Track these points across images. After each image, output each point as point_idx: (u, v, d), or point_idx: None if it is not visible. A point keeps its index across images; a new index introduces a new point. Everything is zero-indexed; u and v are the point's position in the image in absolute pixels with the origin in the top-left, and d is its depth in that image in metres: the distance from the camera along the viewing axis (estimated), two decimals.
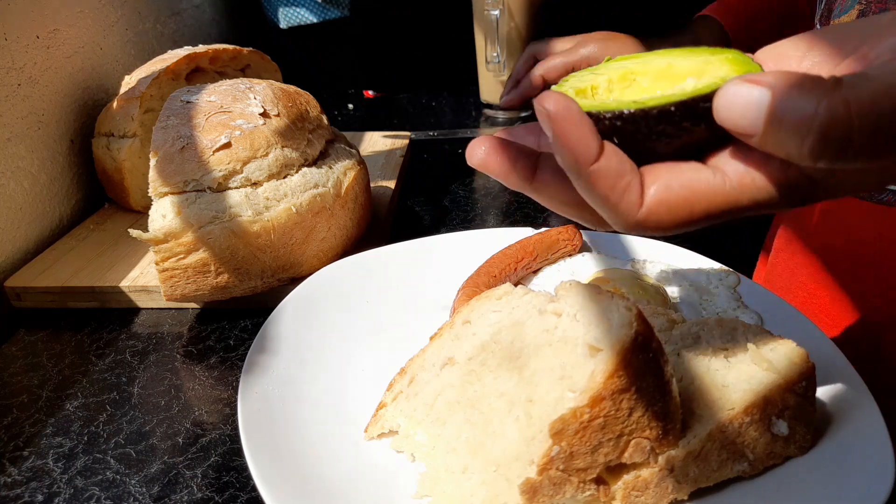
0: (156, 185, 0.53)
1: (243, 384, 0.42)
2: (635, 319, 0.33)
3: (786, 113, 0.22)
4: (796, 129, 0.22)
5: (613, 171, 0.25)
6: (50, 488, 0.41)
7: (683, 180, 0.26)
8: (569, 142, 0.25)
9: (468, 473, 0.36)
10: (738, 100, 0.23)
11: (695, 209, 0.26)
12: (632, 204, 0.26)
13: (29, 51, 0.68)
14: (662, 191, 0.26)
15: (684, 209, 0.26)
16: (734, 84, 0.24)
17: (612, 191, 0.26)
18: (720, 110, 0.24)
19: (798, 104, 0.22)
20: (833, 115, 0.22)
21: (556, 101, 0.25)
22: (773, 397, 0.36)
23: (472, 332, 0.41)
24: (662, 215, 0.26)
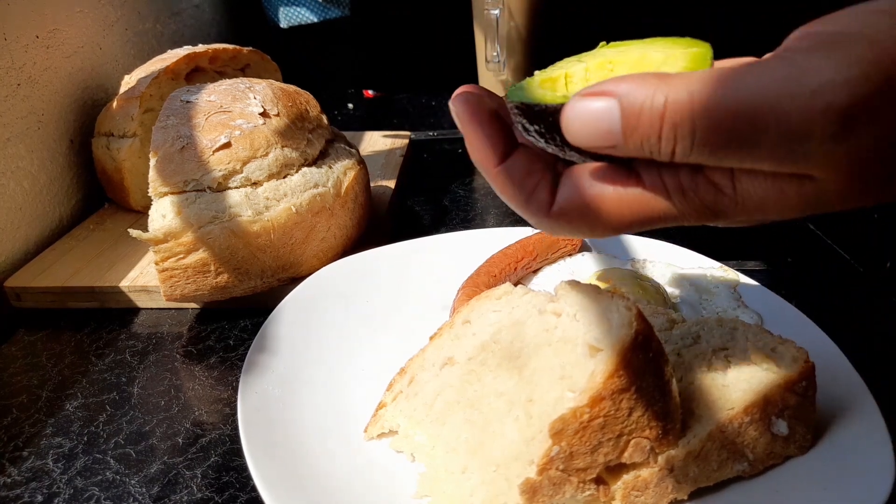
0: (155, 184, 0.53)
1: (243, 384, 0.42)
2: (635, 319, 0.33)
3: (640, 116, 0.22)
4: (651, 128, 0.22)
5: (519, 173, 0.26)
6: (50, 489, 0.41)
7: (595, 184, 0.25)
8: (475, 146, 0.26)
9: (468, 473, 0.36)
10: (586, 116, 0.23)
11: (603, 213, 0.25)
12: (542, 203, 0.26)
13: (28, 50, 0.68)
14: (573, 192, 0.26)
15: (593, 212, 0.25)
16: (577, 101, 0.23)
17: (520, 189, 0.26)
18: (570, 132, 0.23)
19: (647, 103, 0.22)
20: (677, 108, 0.21)
21: (464, 103, 0.26)
22: (773, 397, 0.36)
23: (471, 332, 0.41)
24: (573, 218, 0.26)
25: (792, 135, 0.21)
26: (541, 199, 0.26)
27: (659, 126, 0.22)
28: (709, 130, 0.22)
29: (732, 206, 0.24)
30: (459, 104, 0.26)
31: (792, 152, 0.21)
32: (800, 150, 0.21)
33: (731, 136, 0.21)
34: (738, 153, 0.22)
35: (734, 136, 0.21)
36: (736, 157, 0.22)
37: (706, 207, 0.25)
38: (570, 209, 0.26)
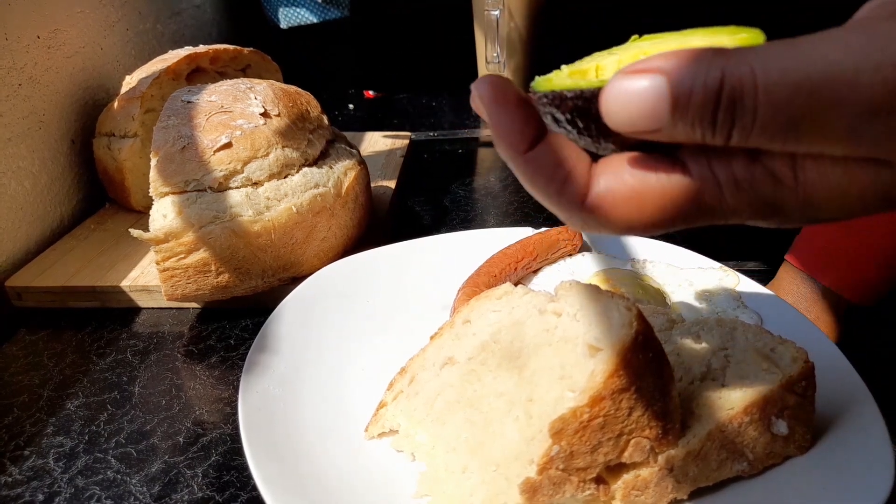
0: (156, 184, 0.53)
1: (244, 383, 0.42)
2: (635, 319, 0.33)
3: (691, 93, 0.19)
4: (705, 107, 0.19)
5: (551, 160, 0.23)
6: (51, 488, 0.41)
7: (636, 173, 0.22)
8: (502, 129, 0.23)
9: (468, 473, 0.36)
10: (629, 97, 0.20)
11: (645, 206, 0.22)
12: (573, 195, 0.23)
13: (30, 51, 0.68)
14: (610, 183, 0.23)
15: (634, 205, 0.22)
16: (618, 80, 0.20)
17: (550, 181, 0.23)
18: (610, 115, 0.21)
19: (700, 79, 0.19)
20: (736, 82, 0.19)
21: (491, 85, 0.23)
22: (773, 397, 0.36)
23: (472, 332, 0.41)
24: (609, 210, 0.23)
25: (875, 110, 0.18)
26: (573, 189, 0.23)
27: (714, 103, 0.19)
28: (775, 107, 0.19)
29: (794, 200, 0.21)
30: (484, 86, 0.23)
31: (873, 131, 0.19)
32: (883, 129, 0.19)
33: (801, 114, 0.19)
34: (808, 134, 0.19)
35: (805, 113, 0.19)
36: (806, 139, 0.19)
37: (763, 202, 0.22)
38: (607, 201, 0.23)
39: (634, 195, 0.22)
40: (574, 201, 0.23)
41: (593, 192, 0.23)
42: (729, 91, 0.19)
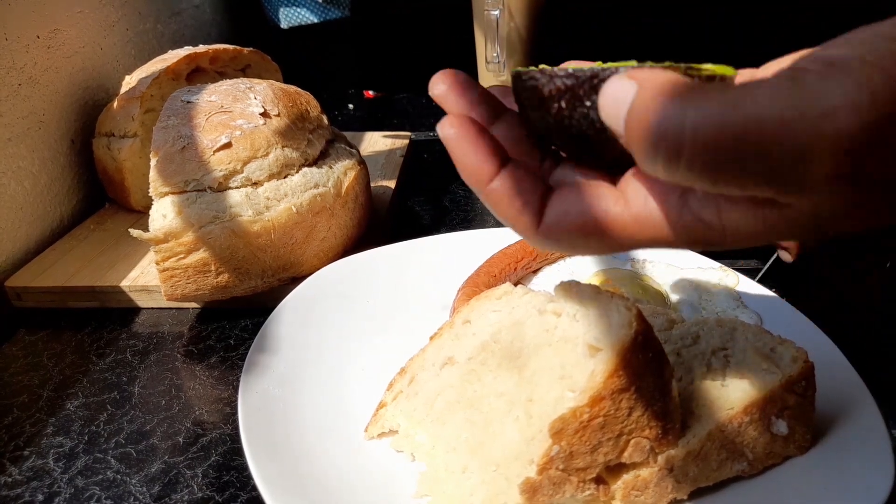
0: (156, 184, 0.53)
1: (244, 384, 0.42)
2: (635, 319, 0.33)
3: (648, 114, 0.21)
4: (652, 134, 0.21)
5: (509, 191, 0.26)
6: (50, 488, 0.41)
7: (583, 207, 0.25)
8: (464, 164, 0.26)
9: (468, 473, 0.36)
10: (613, 93, 0.22)
11: (590, 238, 0.25)
12: (528, 224, 0.26)
13: (29, 51, 0.68)
14: (560, 215, 0.26)
15: (580, 236, 0.26)
16: (613, 78, 0.23)
17: (509, 208, 0.26)
18: (602, 107, 0.23)
19: (659, 106, 0.21)
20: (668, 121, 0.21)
21: (453, 124, 0.26)
22: (773, 397, 0.36)
23: (471, 332, 0.41)
24: (560, 238, 0.26)
25: (798, 155, 0.20)
26: (527, 218, 0.26)
27: (651, 135, 0.21)
28: (703, 149, 0.20)
29: (720, 238, 0.24)
30: (448, 129, 0.26)
31: (794, 174, 0.20)
32: (801, 173, 0.20)
33: (731, 154, 0.20)
34: (734, 174, 0.21)
35: (735, 154, 0.20)
36: (733, 179, 0.21)
37: (694, 239, 0.24)
38: (555, 231, 0.26)
39: (580, 226, 0.25)
40: (529, 228, 0.26)
41: (544, 222, 0.26)
42: (661, 125, 0.21)
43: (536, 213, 0.26)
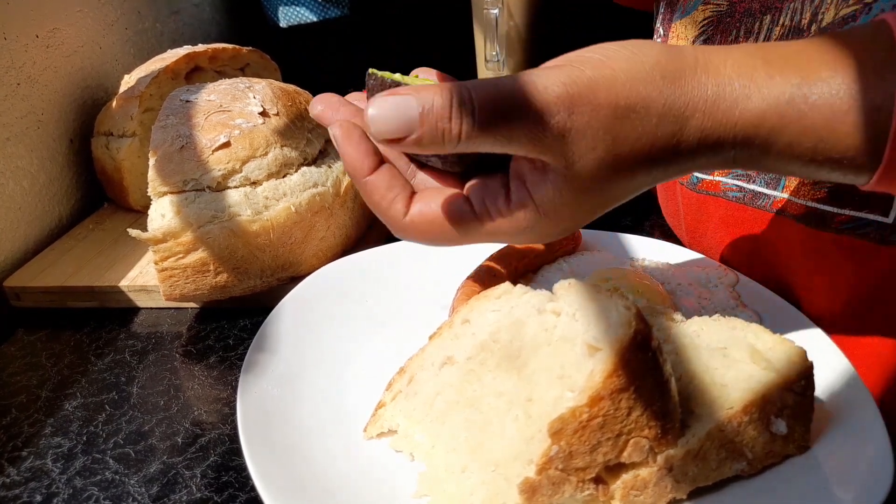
0: (155, 184, 0.53)
1: (242, 384, 0.42)
2: (634, 318, 0.33)
3: (433, 102, 0.27)
4: (443, 109, 0.27)
5: (383, 184, 0.32)
6: (49, 489, 0.41)
7: (438, 205, 0.32)
8: (348, 158, 0.33)
9: (467, 473, 0.36)
10: (389, 105, 0.28)
11: (445, 231, 0.32)
12: (398, 213, 0.32)
13: (28, 50, 0.68)
14: (422, 210, 0.32)
15: (437, 228, 0.32)
16: (379, 99, 0.28)
17: (382, 199, 0.32)
18: (375, 123, 0.28)
19: (436, 96, 0.28)
20: (459, 92, 0.28)
21: (341, 126, 0.33)
22: (772, 396, 0.36)
23: (471, 332, 0.41)
24: (422, 229, 0.32)
25: (537, 112, 0.28)
26: (397, 209, 0.32)
27: (449, 109, 0.27)
28: (484, 107, 0.28)
29: (536, 218, 0.31)
30: (338, 130, 0.33)
31: (540, 128, 0.28)
32: (543, 127, 0.28)
33: (501, 112, 0.28)
34: (505, 127, 0.28)
35: (503, 112, 0.28)
36: (504, 132, 0.28)
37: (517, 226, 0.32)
38: (417, 222, 0.32)
39: (435, 220, 0.32)
40: (398, 219, 0.33)
41: (409, 215, 0.32)
42: (457, 99, 0.28)
43: (405, 206, 0.32)
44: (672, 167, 0.31)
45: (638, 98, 0.29)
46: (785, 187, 0.48)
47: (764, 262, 0.52)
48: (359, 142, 0.33)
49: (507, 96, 0.28)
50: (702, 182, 0.55)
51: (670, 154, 0.30)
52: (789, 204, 0.48)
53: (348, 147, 0.33)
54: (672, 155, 0.30)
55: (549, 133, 0.28)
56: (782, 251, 0.50)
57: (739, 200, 0.52)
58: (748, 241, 0.53)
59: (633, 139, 0.29)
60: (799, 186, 0.47)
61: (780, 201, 0.48)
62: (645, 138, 0.30)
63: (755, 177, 0.50)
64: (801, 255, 0.48)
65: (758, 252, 0.52)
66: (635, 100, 0.29)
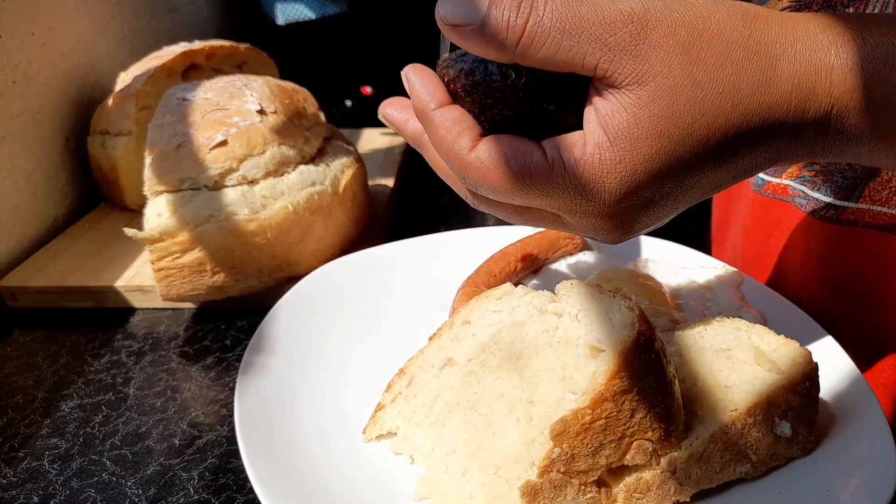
0: (151, 183, 0.53)
1: (240, 385, 0.42)
2: (637, 320, 0.33)
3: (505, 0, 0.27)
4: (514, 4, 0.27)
5: (451, 118, 0.31)
6: (45, 490, 0.40)
7: (508, 146, 0.30)
8: (419, 92, 0.32)
9: (468, 475, 0.35)
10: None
11: (510, 176, 0.29)
12: (462, 148, 0.30)
13: (24, 48, 0.67)
14: (489, 148, 0.30)
15: (501, 172, 0.30)
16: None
17: (448, 132, 0.31)
18: (445, 8, 0.28)
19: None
20: None
21: (413, 66, 0.33)
22: (776, 398, 0.36)
23: (471, 333, 0.41)
24: (485, 171, 0.30)
25: (610, 17, 0.27)
26: (463, 143, 0.30)
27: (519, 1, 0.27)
28: (556, 3, 0.27)
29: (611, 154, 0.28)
30: (411, 68, 0.33)
31: (611, 34, 0.27)
32: (614, 32, 0.27)
33: (572, 11, 0.27)
34: (576, 27, 0.27)
35: (575, 11, 0.27)
36: (574, 33, 0.27)
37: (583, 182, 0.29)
38: (483, 160, 0.30)
39: (500, 161, 0.30)
40: (461, 154, 0.30)
41: (474, 152, 0.30)
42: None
43: (472, 142, 0.30)
44: (761, 118, 0.27)
45: (718, 24, 0.27)
46: (861, 198, 0.46)
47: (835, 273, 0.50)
48: (430, 78, 0.32)
49: (581, 0, 0.27)
50: (768, 185, 0.53)
51: (759, 97, 0.27)
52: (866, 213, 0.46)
53: (418, 81, 0.32)
54: (761, 98, 0.27)
55: (619, 40, 0.26)
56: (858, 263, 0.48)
57: (804, 208, 0.49)
58: (818, 251, 0.50)
59: (714, 65, 0.27)
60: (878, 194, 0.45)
61: (853, 211, 0.46)
62: (728, 67, 0.27)
63: (821, 184, 0.48)
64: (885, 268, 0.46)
65: (829, 263, 0.49)
66: (716, 25, 0.27)
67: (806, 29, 0.27)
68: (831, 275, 0.50)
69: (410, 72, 0.32)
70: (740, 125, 0.27)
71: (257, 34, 1.26)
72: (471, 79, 0.30)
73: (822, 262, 0.50)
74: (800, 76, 0.27)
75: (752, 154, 0.28)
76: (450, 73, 0.31)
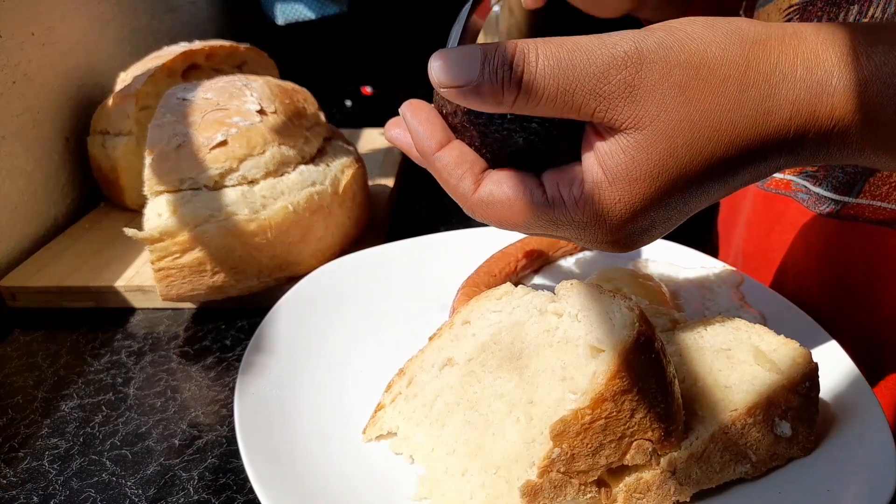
0: (151, 183, 0.53)
1: (240, 385, 0.42)
2: (637, 320, 0.33)
3: (496, 50, 0.27)
4: (505, 58, 0.27)
5: (452, 160, 0.31)
6: (45, 490, 0.40)
7: (510, 186, 0.30)
8: (416, 134, 0.32)
9: (468, 475, 0.35)
10: (450, 57, 0.28)
11: (514, 213, 0.30)
12: (466, 190, 0.31)
13: (24, 48, 0.67)
14: (492, 190, 0.31)
15: (506, 210, 0.31)
16: (443, 51, 0.28)
17: (450, 176, 0.31)
18: (437, 70, 0.28)
19: (501, 47, 0.27)
20: (526, 45, 0.27)
21: (410, 103, 0.33)
22: (776, 398, 0.36)
23: (471, 333, 0.41)
24: (490, 209, 0.31)
25: (603, 65, 0.27)
26: (466, 185, 0.31)
27: (512, 55, 0.27)
28: (549, 56, 0.27)
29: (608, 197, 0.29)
30: (407, 108, 0.32)
31: (605, 82, 0.27)
32: (608, 80, 0.27)
33: (566, 61, 0.27)
34: (569, 77, 0.27)
35: (568, 62, 0.27)
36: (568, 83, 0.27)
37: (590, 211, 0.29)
38: (487, 201, 0.31)
39: (504, 201, 0.30)
40: (466, 196, 0.31)
41: (478, 193, 0.31)
42: (522, 46, 0.27)
43: (476, 181, 0.31)
44: (761, 146, 0.27)
45: (714, 59, 0.27)
46: (861, 193, 0.46)
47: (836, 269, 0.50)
48: (428, 118, 0.32)
49: (573, 48, 0.27)
50: (771, 180, 0.53)
51: (758, 127, 0.27)
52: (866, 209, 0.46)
53: (416, 123, 0.32)
54: (760, 128, 0.27)
55: (614, 88, 0.27)
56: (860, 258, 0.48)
57: (806, 203, 0.50)
58: (819, 246, 0.50)
59: (711, 103, 0.27)
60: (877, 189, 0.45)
61: (853, 206, 0.47)
62: (725, 104, 0.27)
63: (822, 179, 0.48)
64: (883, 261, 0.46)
65: (830, 258, 0.50)
66: (711, 60, 0.26)
67: (808, 49, 0.27)
68: (832, 270, 0.50)
69: (408, 113, 0.32)
70: (740, 154, 0.28)
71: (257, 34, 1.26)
72: (468, 116, 0.30)
73: (822, 257, 0.50)
74: (800, 102, 0.27)
75: (752, 172, 0.29)
76: (447, 107, 0.31)
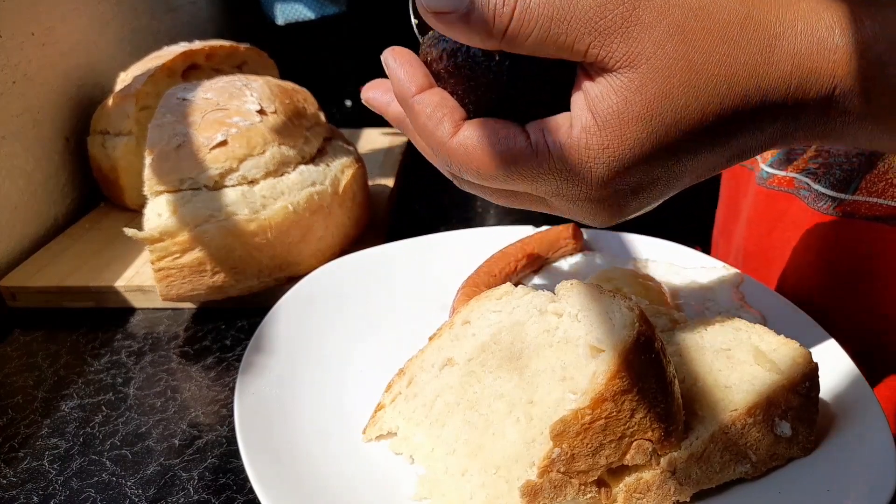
0: (151, 183, 0.53)
1: (240, 385, 0.42)
2: (637, 320, 0.33)
3: None
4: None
5: (432, 103, 0.30)
6: (45, 490, 0.40)
7: (491, 130, 0.29)
8: (399, 76, 0.30)
9: (468, 475, 0.35)
10: None
11: (492, 162, 0.29)
12: (444, 133, 0.29)
13: (24, 48, 0.67)
14: (470, 135, 0.29)
15: (484, 157, 0.29)
16: None
17: (429, 119, 0.30)
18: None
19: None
20: None
21: (393, 50, 0.31)
22: (776, 398, 0.36)
23: (471, 333, 0.41)
24: (467, 156, 0.29)
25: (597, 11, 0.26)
26: (444, 129, 0.29)
27: None
28: None
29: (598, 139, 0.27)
30: (389, 53, 0.31)
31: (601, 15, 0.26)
32: (604, 13, 0.26)
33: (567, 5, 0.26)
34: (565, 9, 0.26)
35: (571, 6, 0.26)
36: (563, 14, 0.26)
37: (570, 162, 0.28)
38: (465, 146, 0.29)
39: (483, 147, 0.29)
40: (443, 140, 0.29)
41: (456, 137, 0.29)
42: None
43: (455, 126, 0.29)
44: (760, 99, 0.26)
45: (714, 3, 0.26)
46: (858, 190, 0.46)
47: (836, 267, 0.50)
48: (410, 61, 0.30)
49: None
50: (773, 178, 0.53)
51: (758, 77, 0.26)
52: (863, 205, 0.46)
53: (397, 65, 0.30)
54: (760, 78, 0.26)
55: (610, 23, 0.25)
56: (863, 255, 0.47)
57: (807, 200, 0.49)
58: (819, 245, 0.49)
59: (710, 46, 0.26)
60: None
61: (850, 203, 0.46)
62: (724, 48, 0.26)
63: (821, 176, 0.48)
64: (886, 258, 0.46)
65: (830, 257, 0.49)
66: (711, 4, 0.26)
67: (808, 7, 0.26)
68: (831, 268, 0.50)
69: (389, 56, 0.31)
70: (737, 107, 0.26)
71: (257, 34, 1.25)
72: (453, 60, 0.29)
73: (822, 254, 0.50)
74: (801, 56, 0.26)
75: (749, 136, 0.28)
76: (432, 53, 0.30)
